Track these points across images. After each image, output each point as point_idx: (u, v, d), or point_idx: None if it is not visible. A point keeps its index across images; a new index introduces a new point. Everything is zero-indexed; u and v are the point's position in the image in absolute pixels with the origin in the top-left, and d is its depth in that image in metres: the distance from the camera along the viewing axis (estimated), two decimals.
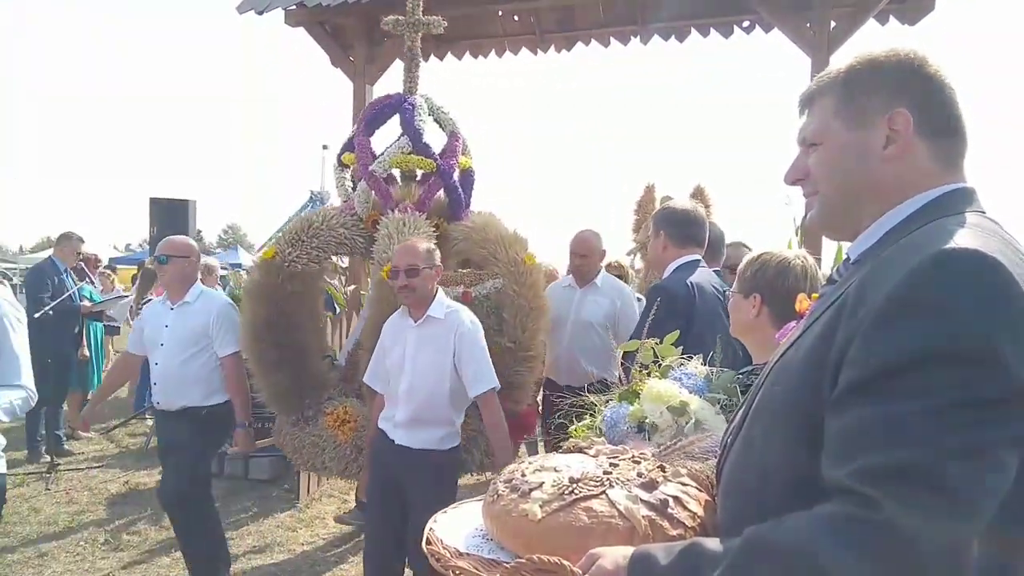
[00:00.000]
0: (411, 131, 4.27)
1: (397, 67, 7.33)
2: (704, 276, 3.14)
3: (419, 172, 4.40)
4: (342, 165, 4.55)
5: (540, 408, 4.78)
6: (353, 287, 6.96)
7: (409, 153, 4.25)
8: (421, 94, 4.51)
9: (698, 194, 6.62)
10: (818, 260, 2.49)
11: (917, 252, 0.98)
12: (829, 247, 5.20)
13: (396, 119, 4.41)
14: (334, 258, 6.43)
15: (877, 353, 0.94)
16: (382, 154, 4.30)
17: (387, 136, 4.48)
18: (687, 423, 1.73)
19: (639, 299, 5.58)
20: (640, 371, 2.03)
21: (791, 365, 1.12)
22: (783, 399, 1.11)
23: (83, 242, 7.34)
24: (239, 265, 16.80)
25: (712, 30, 7.00)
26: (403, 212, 4.09)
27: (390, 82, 7.64)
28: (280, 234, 4.27)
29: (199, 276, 4.16)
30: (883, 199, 1.15)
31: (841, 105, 1.18)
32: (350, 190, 4.49)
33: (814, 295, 1.63)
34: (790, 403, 1.09)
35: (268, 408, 4.47)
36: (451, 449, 3.46)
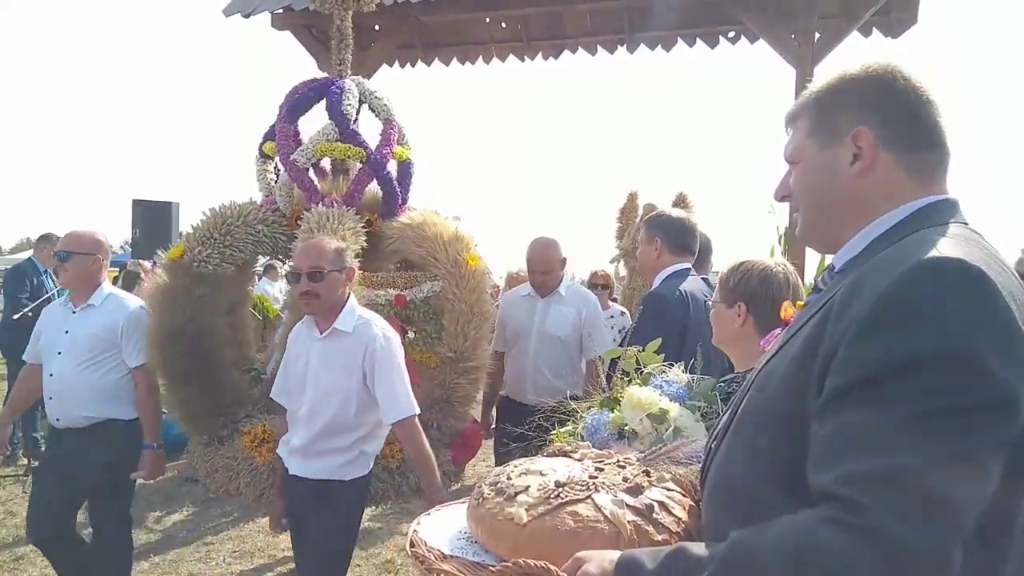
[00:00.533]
0: (338, 116, 3.90)
1: (384, 72, 7.35)
2: (694, 284, 3.16)
3: (355, 165, 4.05)
4: (263, 156, 4.14)
5: (493, 426, 4.36)
6: None
7: (336, 141, 3.88)
8: (352, 77, 4.16)
9: (680, 201, 6.66)
10: (799, 268, 2.51)
11: (902, 261, 0.99)
12: (813, 256, 5.25)
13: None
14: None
15: (862, 359, 0.95)
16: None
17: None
18: (666, 430, 1.73)
19: (623, 313, 5.60)
20: (621, 378, 2.03)
21: (776, 372, 1.13)
22: (768, 405, 1.12)
23: None
24: None
25: (698, 40, 7.06)
26: (329, 206, 3.72)
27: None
28: (191, 231, 3.79)
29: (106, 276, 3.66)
30: (858, 215, 1.17)
31: (813, 125, 1.21)
32: (272, 183, 4.10)
33: (799, 303, 1.65)
34: (775, 409, 1.10)
35: (180, 427, 3.95)
36: (355, 480, 2.99)
